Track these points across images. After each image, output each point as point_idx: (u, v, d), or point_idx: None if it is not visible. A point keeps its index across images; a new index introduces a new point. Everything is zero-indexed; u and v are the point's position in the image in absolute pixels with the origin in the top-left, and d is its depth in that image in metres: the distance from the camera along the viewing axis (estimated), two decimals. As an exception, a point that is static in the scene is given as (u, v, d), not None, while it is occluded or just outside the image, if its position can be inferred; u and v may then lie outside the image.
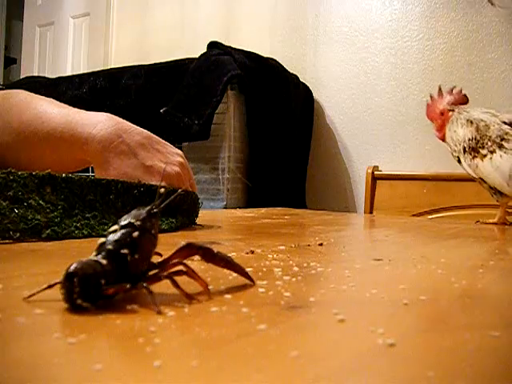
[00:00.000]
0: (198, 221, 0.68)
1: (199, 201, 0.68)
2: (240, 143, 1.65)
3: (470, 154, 0.98)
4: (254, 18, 2.27)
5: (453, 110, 1.05)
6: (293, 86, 1.90)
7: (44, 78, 2.27)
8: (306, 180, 1.99)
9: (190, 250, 0.28)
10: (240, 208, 1.40)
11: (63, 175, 0.50)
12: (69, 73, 2.74)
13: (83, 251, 0.40)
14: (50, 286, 0.24)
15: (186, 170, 0.71)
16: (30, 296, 0.24)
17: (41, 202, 0.47)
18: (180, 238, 0.52)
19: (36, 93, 0.76)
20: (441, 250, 0.54)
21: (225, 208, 1.55)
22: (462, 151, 1.01)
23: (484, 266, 0.40)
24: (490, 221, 1.01)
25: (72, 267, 0.23)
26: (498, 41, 1.75)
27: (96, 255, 0.25)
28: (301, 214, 1.09)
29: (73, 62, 2.97)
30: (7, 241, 0.44)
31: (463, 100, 1.07)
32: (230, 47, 1.69)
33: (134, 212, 0.27)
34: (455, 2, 1.81)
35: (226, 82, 1.54)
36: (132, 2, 2.75)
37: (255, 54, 1.76)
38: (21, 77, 2.93)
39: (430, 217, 1.58)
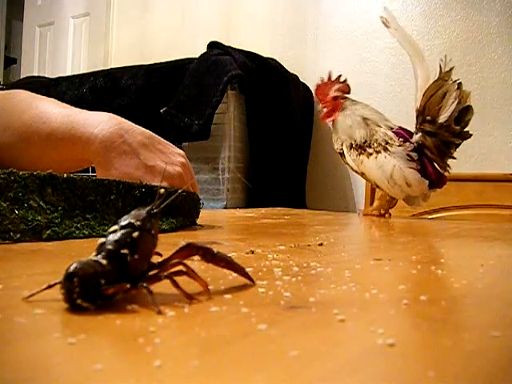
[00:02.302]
0: (198, 221, 0.68)
1: (200, 201, 0.68)
2: (240, 143, 1.65)
3: (357, 150, 1.06)
4: (253, 18, 2.27)
5: (344, 99, 1.10)
6: (293, 86, 1.90)
7: (44, 77, 2.27)
8: (305, 180, 1.98)
9: (190, 250, 0.28)
10: (240, 208, 1.40)
11: (64, 175, 0.50)
12: (69, 73, 2.74)
13: (83, 251, 0.40)
14: (49, 286, 0.24)
15: (188, 170, 0.70)
16: (30, 296, 0.24)
17: (41, 202, 0.47)
18: (180, 238, 0.52)
19: (36, 93, 0.76)
20: (441, 250, 0.54)
21: (225, 208, 1.55)
22: (348, 147, 1.07)
23: (484, 265, 0.40)
24: (370, 211, 1.10)
25: (72, 267, 0.23)
26: (497, 41, 1.75)
27: (96, 255, 0.25)
28: (301, 214, 1.09)
29: (73, 62, 2.97)
30: (7, 241, 0.44)
31: (347, 89, 1.14)
32: (229, 47, 1.69)
33: (134, 212, 0.27)
34: (455, 2, 1.81)
35: (226, 82, 1.54)
36: (132, 2, 2.75)
37: (255, 54, 1.76)
38: (21, 77, 2.93)
39: (429, 217, 1.58)
